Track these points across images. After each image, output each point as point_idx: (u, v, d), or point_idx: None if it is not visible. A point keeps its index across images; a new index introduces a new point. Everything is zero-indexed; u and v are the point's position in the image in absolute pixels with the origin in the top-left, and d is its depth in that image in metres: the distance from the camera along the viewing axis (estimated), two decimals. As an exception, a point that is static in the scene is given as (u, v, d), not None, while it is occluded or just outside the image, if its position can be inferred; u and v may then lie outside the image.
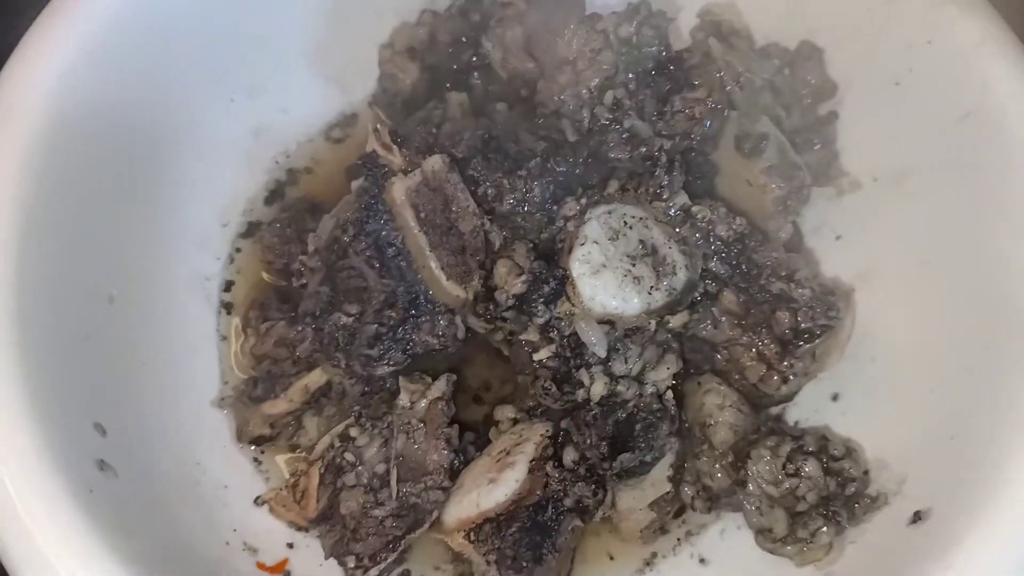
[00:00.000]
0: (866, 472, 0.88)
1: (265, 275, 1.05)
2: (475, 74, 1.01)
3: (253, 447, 0.97)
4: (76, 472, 0.75)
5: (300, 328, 0.95)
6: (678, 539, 0.96)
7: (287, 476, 0.94)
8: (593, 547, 0.96)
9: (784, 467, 0.87)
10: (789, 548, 0.86)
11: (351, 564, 0.87)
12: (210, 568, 0.84)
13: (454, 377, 0.94)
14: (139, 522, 0.79)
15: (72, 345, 0.84)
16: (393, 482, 0.87)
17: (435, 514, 0.88)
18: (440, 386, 0.92)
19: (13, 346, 0.77)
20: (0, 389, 0.74)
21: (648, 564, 0.95)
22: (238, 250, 1.05)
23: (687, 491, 0.92)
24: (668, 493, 0.91)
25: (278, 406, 0.94)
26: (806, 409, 0.99)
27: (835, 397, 0.98)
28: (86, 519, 0.73)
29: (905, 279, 0.97)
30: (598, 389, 0.87)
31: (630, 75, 0.93)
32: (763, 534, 0.87)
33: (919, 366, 0.92)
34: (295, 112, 1.08)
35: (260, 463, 0.97)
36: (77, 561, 0.70)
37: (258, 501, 0.92)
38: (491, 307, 0.89)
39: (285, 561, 0.90)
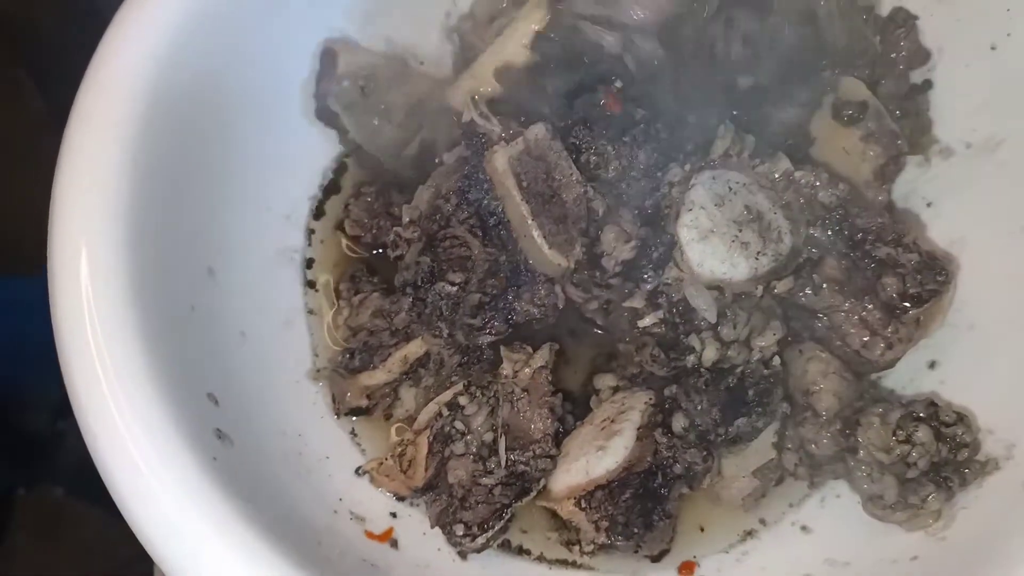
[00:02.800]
0: (977, 437, 0.88)
1: (347, 249, 1.05)
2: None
3: (351, 417, 0.96)
4: (199, 441, 0.75)
5: (397, 299, 0.95)
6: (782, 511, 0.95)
7: (393, 444, 0.93)
8: (691, 515, 0.96)
9: (895, 433, 0.86)
10: (899, 514, 0.86)
11: (460, 532, 0.86)
12: (322, 536, 0.84)
13: (556, 346, 0.93)
14: (257, 490, 0.78)
15: (181, 317, 0.84)
16: (502, 450, 0.87)
17: (543, 482, 0.88)
18: (543, 355, 0.91)
19: (132, 318, 0.76)
20: (123, 361, 0.74)
21: (749, 534, 0.94)
22: (320, 219, 1.04)
23: (790, 458, 0.92)
24: (772, 460, 0.90)
25: (376, 377, 0.94)
26: (903, 378, 0.98)
27: (932, 365, 0.97)
28: (215, 487, 0.72)
29: (1000, 246, 0.96)
30: (710, 354, 0.86)
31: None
32: (873, 500, 0.87)
33: (1018, 332, 0.92)
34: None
35: (356, 435, 0.97)
36: (212, 529, 0.70)
37: (359, 471, 0.92)
38: (596, 274, 0.89)
39: (391, 530, 0.90)
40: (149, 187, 0.83)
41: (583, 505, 0.86)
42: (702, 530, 0.96)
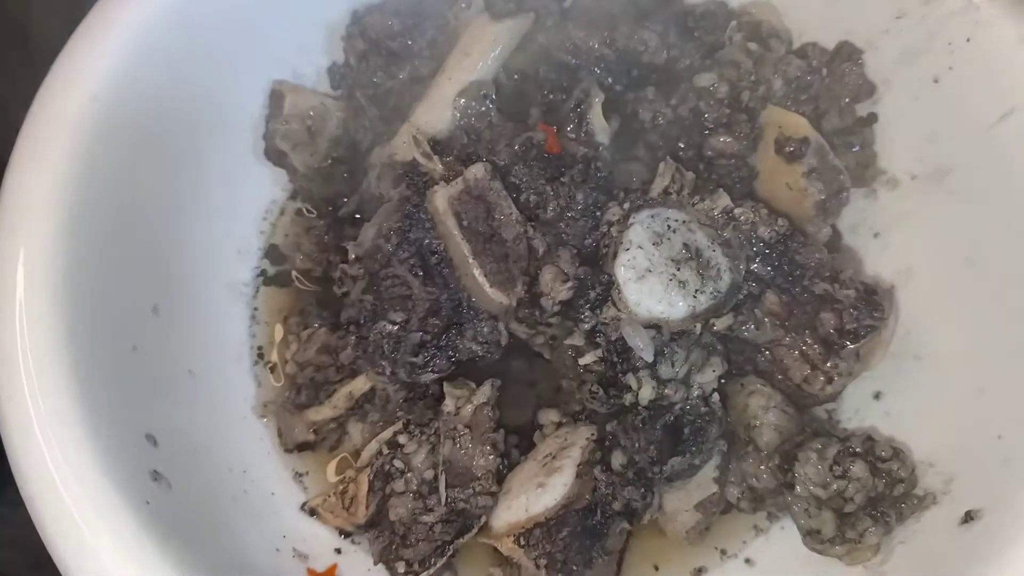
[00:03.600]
0: (913, 472, 0.88)
1: (298, 282, 1.05)
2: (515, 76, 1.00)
3: (297, 453, 0.97)
4: (133, 484, 0.76)
5: (343, 335, 0.95)
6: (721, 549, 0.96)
7: (333, 482, 0.94)
8: (638, 550, 0.96)
9: (831, 469, 0.87)
10: (838, 548, 0.87)
11: (401, 570, 0.87)
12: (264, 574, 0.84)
13: (498, 382, 0.94)
14: (194, 532, 0.79)
15: (121, 357, 0.84)
16: (442, 488, 0.87)
17: (483, 519, 0.89)
18: (485, 391, 0.92)
19: (66, 359, 0.77)
20: (56, 402, 0.75)
21: (699, 572, 0.95)
22: (270, 255, 1.05)
23: (733, 492, 0.92)
24: (714, 494, 0.91)
25: (322, 412, 0.95)
26: (848, 409, 0.99)
27: (877, 396, 0.98)
28: (146, 531, 0.73)
29: (947, 278, 0.97)
30: (646, 393, 0.87)
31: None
32: (811, 535, 0.87)
33: (964, 365, 0.93)
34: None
35: (302, 473, 0.97)
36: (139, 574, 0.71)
37: (305, 508, 0.93)
38: (536, 313, 0.89)
39: (334, 567, 0.90)
40: (90, 225, 0.84)
41: (522, 542, 0.86)
42: (656, 569, 0.97)
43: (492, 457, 0.90)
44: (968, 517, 0.82)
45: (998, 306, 0.91)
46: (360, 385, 0.94)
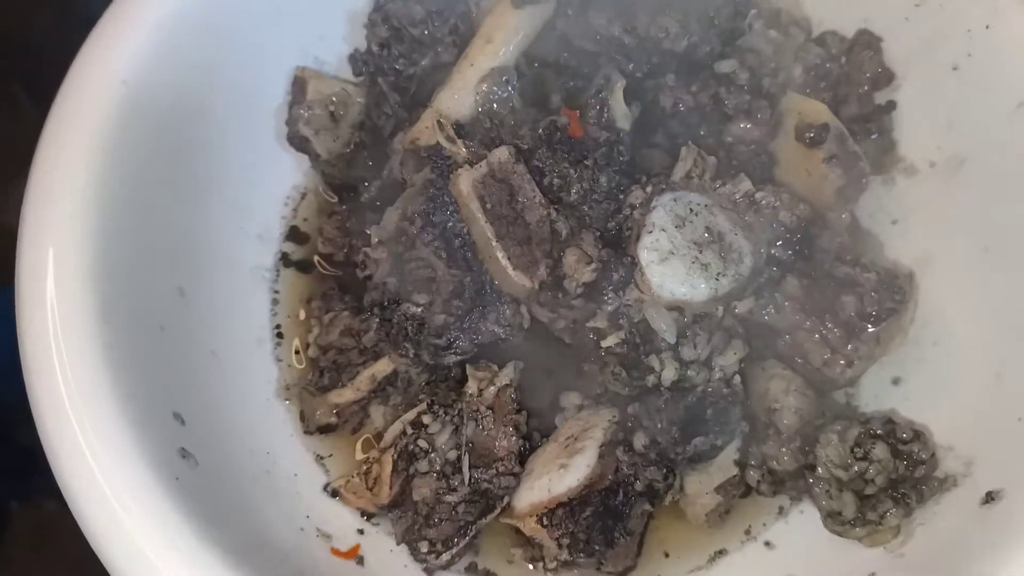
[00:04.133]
0: (933, 454, 0.89)
1: (319, 266, 1.06)
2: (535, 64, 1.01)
3: (319, 435, 0.97)
4: (162, 461, 0.76)
5: (365, 318, 0.96)
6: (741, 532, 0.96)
7: (359, 462, 0.95)
8: (657, 534, 0.97)
9: (852, 450, 0.88)
10: (858, 530, 0.87)
11: (424, 549, 0.88)
12: (288, 555, 0.85)
13: (521, 364, 0.95)
14: (220, 510, 0.80)
15: (149, 337, 0.85)
16: (465, 468, 0.88)
17: (506, 499, 0.89)
18: (508, 373, 0.93)
19: (97, 337, 0.78)
20: (88, 382, 0.75)
21: (719, 553, 0.95)
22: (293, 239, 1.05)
23: (753, 475, 0.93)
24: (734, 477, 0.91)
25: (344, 395, 0.96)
26: (867, 394, 0.99)
27: (896, 381, 0.99)
28: (176, 507, 0.74)
29: (965, 264, 0.97)
30: (669, 374, 0.88)
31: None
32: (832, 517, 0.88)
33: (983, 349, 0.93)
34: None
35: (324, 456, 0.98)
36: (171, 550, 0.71)
37: (328, 489, 0.94)
38: (559, 296, 0.90)
39: (357, 547, 0.91)
40: (118, 208, 0.84)
41: (545, 522, 0.87)
42: (667, 555, 0.97)
43: (515, 438, 0.91)
44: (989, 498, 0.83)
45: (1015, 292, 0.91)
46: (383, 367, 0.95)
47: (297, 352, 1.01)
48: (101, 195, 0.83)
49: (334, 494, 0.93)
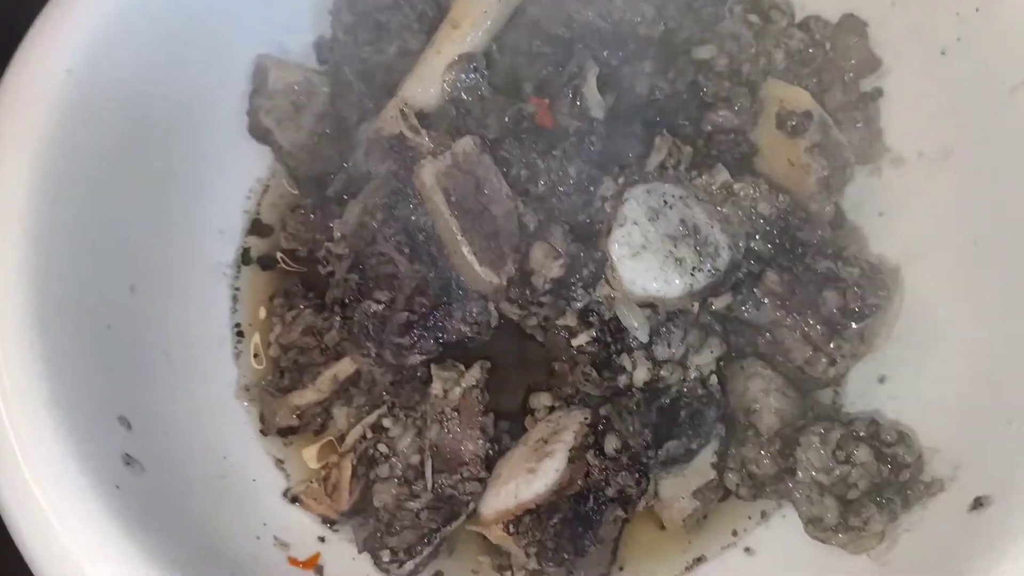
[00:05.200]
0: (919, 457, 0.85)
1: (283, 263, 1.02)
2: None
3: (280, 438, 0.93)
4: (102, 468, 0.73)
5: (327, 317, 0.92)
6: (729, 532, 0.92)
7: (317, 468, 0.91)
8: (634, 538, 0.93)
9: (834, 454, 0.84)
10: (840, 536, 0.83)
11: (386, 558, 0.84)
12: (242, 565, 0.81)
13: (488, 364, 0.91)
14: (167, 518, 0.76)
15: (94, 336, 0.81)
16: (428, 473, 0.84)
17: (471, 506, 0.85)
18: (474, 374, 0.89)
19: (34, 338, 0.74)
20: (23, 384, 0.72)
21: (697, 561, 0.91)
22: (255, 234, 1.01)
23: (731, 478, 0.89)
24: (712, 481, 0.88)
25: (306, 396, 0.92)
26: (852, 393, 0.96)
27: (882, 380, 0.95)
28: (114, 517, 0.70)
29: (954, 258, 0.93)
30: (641, 375, 0.84)
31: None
32: (813, 523, 0.84)
33: (972, 348, 0.89)
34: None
35: (283, 461, 0.94)
36: (105, 562, 0.68)
37: (287, 495, 0.90)
38: (527, 292, 0.86)
39: (317, 556, 0.87)
40: (62, 204, 0.81)
41: (512, 530, 0.83)
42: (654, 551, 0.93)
43: (481, 442, 0.87)
44: (977, 504, 0.79)
45: (1007, 288, 0.87)
46: (345, 368, 0.91)
47: (257, 355, 0.97)
48: (43, 187, 0.79)
49: (294, 500, 0.89)
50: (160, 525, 0.74)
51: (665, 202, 0.85)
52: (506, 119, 0.88)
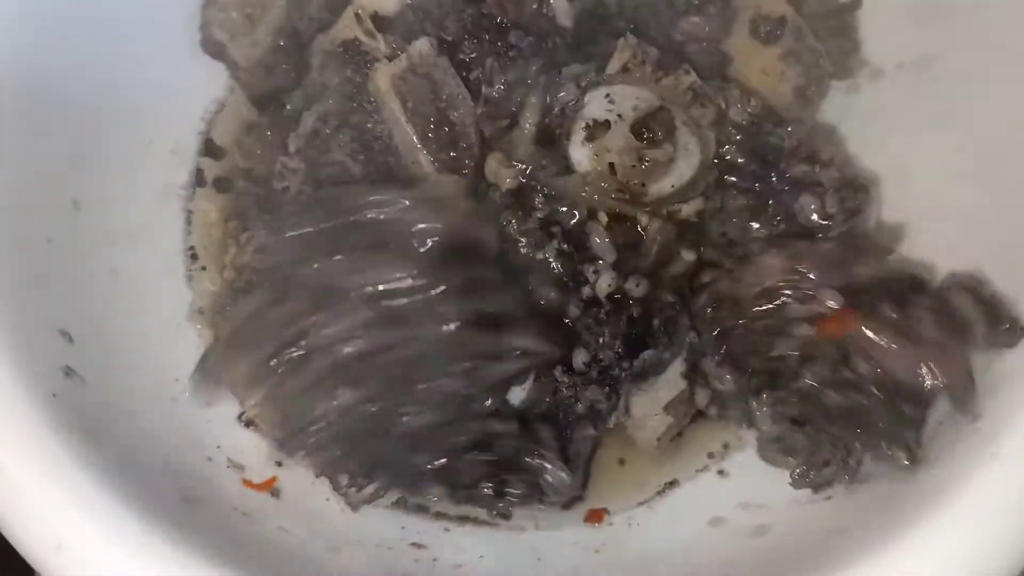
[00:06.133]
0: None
1: (239, 183, 0.98)
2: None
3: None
4: (38, 377, 0.69)
5: (283, 235, 0.88)
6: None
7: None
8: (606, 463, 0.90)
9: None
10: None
11: (344, 482, 0.81)
12: (192, 485, 0.77)
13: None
14: (108, 430, 0.72)
15: (33, 248, 0.77)
16: (387, 391, 0.80)
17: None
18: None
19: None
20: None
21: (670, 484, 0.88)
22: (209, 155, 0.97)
23: (701, 397, 0.85)
24: (683, 392, 0.84)
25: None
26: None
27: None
28: (47, 423, 0.66)
29: (939, 172, 0.89)
30: (604, 286, 0.80)
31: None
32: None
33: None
34: None
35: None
36: (38, 467, 0.64)
37: (242, 419, 0.86)
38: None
39: (273, 479, 0.83)
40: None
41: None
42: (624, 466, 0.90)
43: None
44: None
45: (996, 208, 0.83)
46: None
47: (210, 275, 0.93)
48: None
49: (248, 424, 0.86)
50: (102, 437, 0.70)
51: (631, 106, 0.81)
52: (464, 21, 0.84)
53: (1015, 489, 0.66)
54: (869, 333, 0.76)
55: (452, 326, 0.74)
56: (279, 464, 0.86)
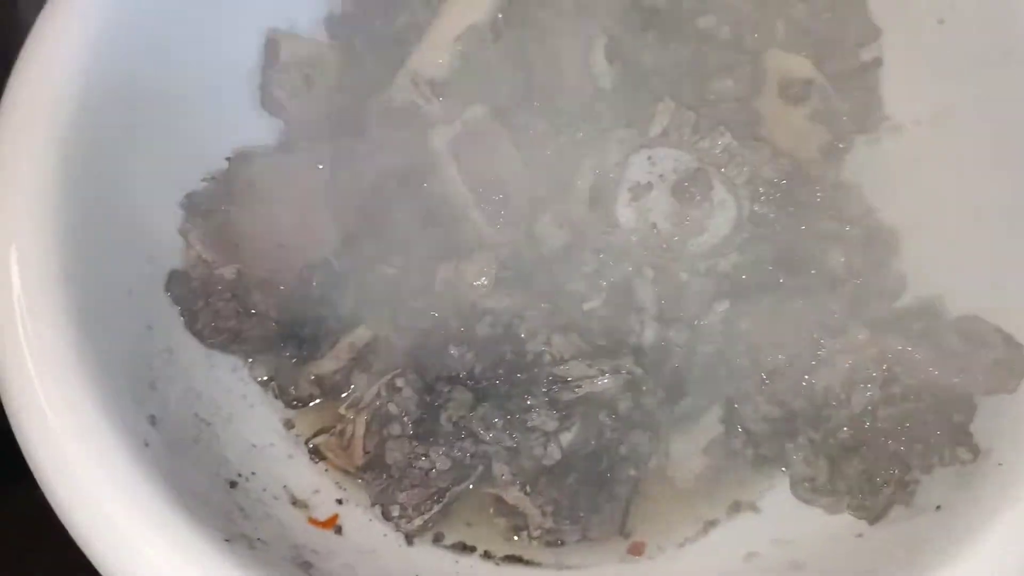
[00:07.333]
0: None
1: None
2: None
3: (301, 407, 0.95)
4: (132, 429, 0.74)
5: (343, 286, 0.94)
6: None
7: (329, 425, 0.93)
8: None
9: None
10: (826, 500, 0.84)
11: (395, 513, 0.86)
12: (258, 523, 0.82)
13: (500, 331, 0.92)
14: (189, 477, 0.78)
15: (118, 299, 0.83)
16: (440, 435, 0.86)
17: (480, 469, 0.87)
18: (487, 338, 0.90)
19: (62, 304, 0.75)
20: (53, 350, 0.73)
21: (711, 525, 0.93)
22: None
23: (736, 441, 0.90)
24: (721, 435, 0.89)
25: (324, 366, 0.93)
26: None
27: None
28: (144, 472, 0.71)
29: (955, 228, 0.94)
30: (649, 336, 0.85)
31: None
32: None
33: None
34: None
35: (293, 424, 0.95)
36: (147, 526, 0.69)
37: (309, 444, 0.91)
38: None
39: (335, 516, 0.89)
40: (83, 180, 0.81)
41: (528, 490, 0.85)
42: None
43: (495, 405, 0.88)
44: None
45: (1008, 262, 0.89)
46: (361, 335, 0.93)
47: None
48: (64, 168, 0.80)
49: (314, 451, 0.91)
50: (183, 484, 0.75)
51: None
52: (515, 87, 0.89)
53: (1038, 531, 0.71)
54: (908, 348, 0.80)
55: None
56: (340, 502, 0.91)
